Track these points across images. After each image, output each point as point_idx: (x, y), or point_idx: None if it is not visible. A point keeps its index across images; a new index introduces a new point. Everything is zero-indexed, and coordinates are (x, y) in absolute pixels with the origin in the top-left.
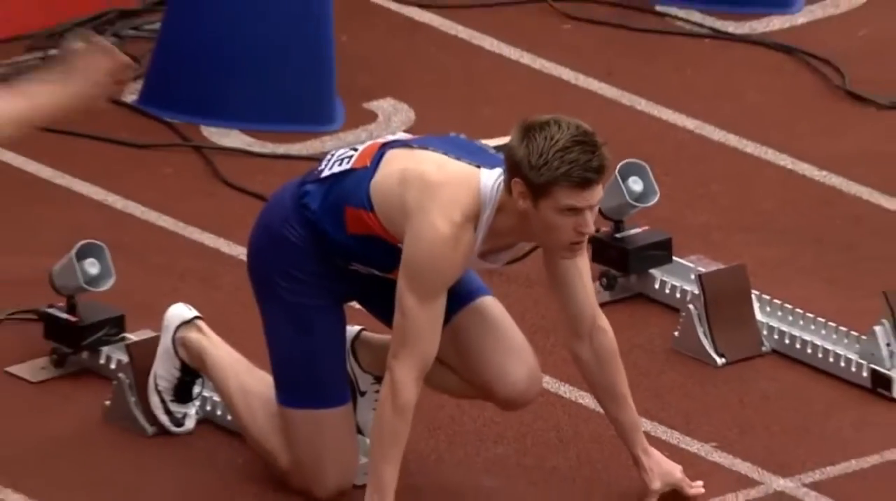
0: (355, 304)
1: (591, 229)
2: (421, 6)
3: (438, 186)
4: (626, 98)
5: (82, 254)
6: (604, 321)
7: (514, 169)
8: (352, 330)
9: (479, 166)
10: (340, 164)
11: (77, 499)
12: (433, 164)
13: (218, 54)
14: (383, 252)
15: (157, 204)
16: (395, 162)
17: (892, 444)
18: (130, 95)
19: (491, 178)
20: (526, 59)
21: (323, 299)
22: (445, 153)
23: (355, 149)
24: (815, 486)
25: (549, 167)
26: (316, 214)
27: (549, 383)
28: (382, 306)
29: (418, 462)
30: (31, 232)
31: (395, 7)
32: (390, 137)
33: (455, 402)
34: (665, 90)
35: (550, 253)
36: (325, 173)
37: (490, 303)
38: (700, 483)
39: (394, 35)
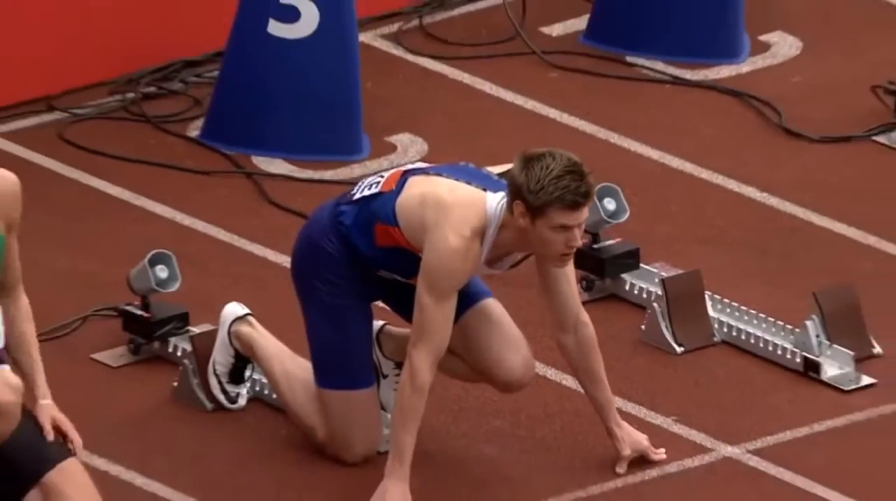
0: (380, 303)
1: (579, 243)
2: (433, 58)
3: (451, 207)
4: (602, 133)
5: (154, 262)
6: (585, 316)
7: (515, 193)
8: (377, 324)
9: (484, 189)
10: (370, 189)
11: (150, 462)
12: (446, 188)
13: (265, 97)
14: (405, 261)
15: (215, 220)
16: (415, 186)
17: (820, 417)
18: (194, 131)
19: (495, 201)
20: (519, 101)
21: (354, 299)
22: (456, 179)
23: (381, 176)
24: (756, 452)
25: (545, 192)
26: (350, 229)
27: (538, 368)
28: (403, 305)
29: (430, 434)
30: (112, 243)
31: (410, 58)
32: (410, 166)
33: (461, 384)
34: (634, 127)
35: (543, 262)
36: (357, 196)
37: (492, 304)
38: (662, 450)
39: (410, 81)
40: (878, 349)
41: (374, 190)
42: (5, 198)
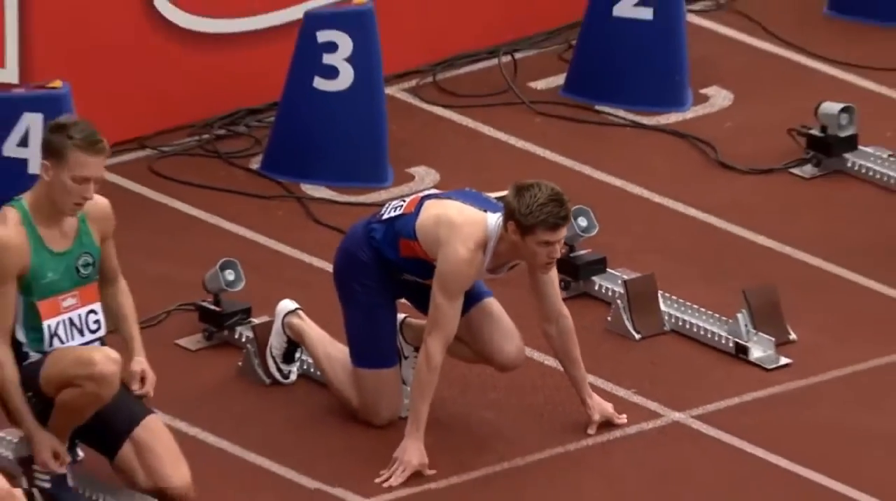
0: (404, 300)
1: (559, 255)
2: (443, 106)
3: (460, 226)
4: (577, 166)
5: (223, 267)
6: (565, 310)
7: (509, 215)
8: (400, 316)
9: (486, 211)
10: (395, 211)
11: (219, 424)
12: (456, 210)
13: (311, 137)
14: (423, 267)
15: (271, 234)
16: (430, 209)
17: (748, 390)
18: (255, 164)
19: (493, 220)
20: (512, 141)
21: (383, 298)
22: (463, 202)
23: (403, 201)
24: (698, 417)
25: (533, 215)
26: (380, 243)
27: (527, 351)
28: (421, 302)
29: (441, 403)
30: (191, 253)
31: (426, 107)
32: (426, 191)
33: (466, 365)
34: (601, 161)
35: (532, 269)
36: (385, 216)
37: (492, 302)
38: (624, 416)
39: (425, 124)
40: (793, 336)
41: (398, 212)
42: (99, 217)
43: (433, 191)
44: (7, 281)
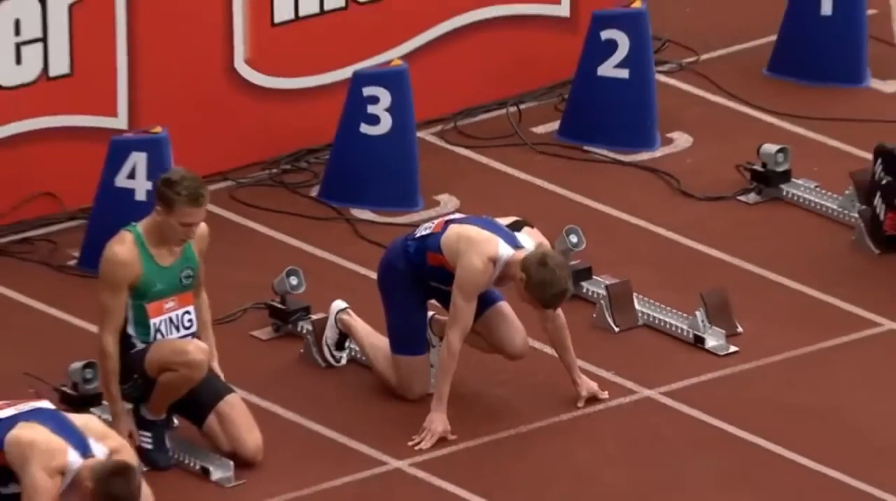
0: (434, 302)
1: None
2: (463, 147)
3: (477, 242)
4: (570, 194)
5: (288, 274)
6: (559, 309)
7: (526, 281)
8: (429, 314)
9: (497, 236)
10: (425, 230)
11: (287, 399)
12: (474, 231)
13: (358, 171)
14: (447, 275)
15: (327, 248)
16: (453, 229)
17: (704, 372)
18: (314, 193)
19: (505, 251)
20: (517, 174)
21: (416, 299)
22: (479, 226)
23: (432, 223)
24: (666, 393)
25: (543, 295)
26: (413, 256)
27: (530, 342)
28: (444, 303)
29: (461, 382)
30: (263, 263)
31: (449, 147)
32: (450, 216)
33: (480, 354)
34: (589, 190)
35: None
36: (418, 235)
37: (503, 305)
38: (606, 392)
39: (448, 161)
40: (740, 329)
41: (427, 231)
42: (199, 237)
43: (456, 215)
44: (121, 289)
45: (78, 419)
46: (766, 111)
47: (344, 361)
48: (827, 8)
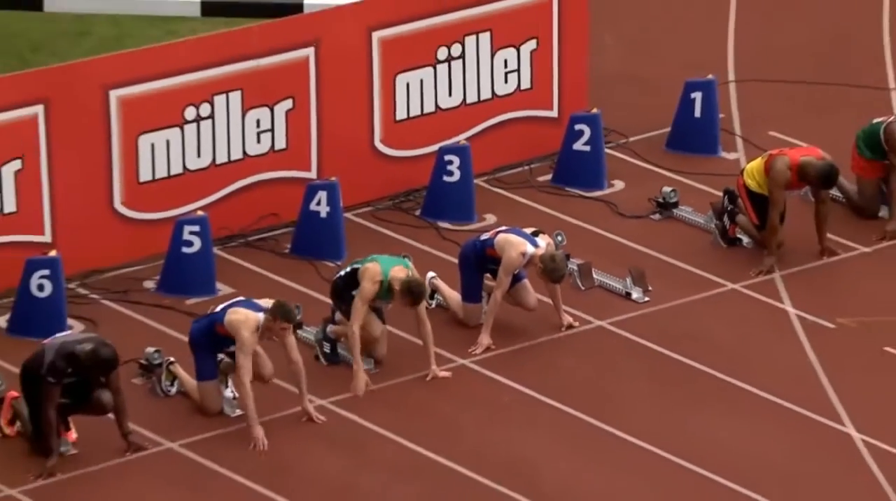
0: (488, 276)
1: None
2: (500, 187)
3: (514, 244)
4: (558, 214)
5: (403, 256)
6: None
7: (542, 267)
8: (485, 284)
9: (525, 240)
10: (485, 236)
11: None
12: (513, 236)
13: (442, 200)
14: (496, 261)
15: (426, 244)
16: (501, 234)
17: (630, 312)
18: (417, 212)
19: (530, 249)
20: (530, 204)
21: (479, 274)
22: (515, 234)
23: (489, 231)
24: (612, 323)
25: (552, 276)
26: (479, 250)
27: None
28: (494, 275)
29: (504, 315)
30: (394, 252)
31: (490, 188)
32: (498, 228)
33: (512, 308)
34: (568, 212)
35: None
36: (482, 238)
37: (526, 281)
38: (577, 323)
39: (490, 195)
40: (650, 288)
41: (486, 236)
42: None
43: (502, 227)
44: (365, 307)
45: (261, 301)
46: (665, 169)
47: (434, 304)
48: (698, 113)
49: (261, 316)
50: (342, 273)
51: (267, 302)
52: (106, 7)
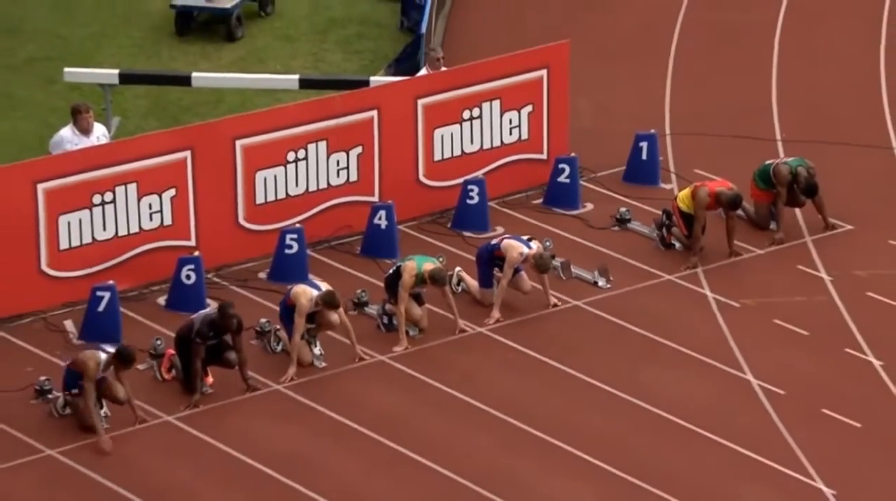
0: (497, 270)
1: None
2: (506, 208)
3: (515, 247)
4: (549, 228)
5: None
6: (546, 275)
7: (534, 263)
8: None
9: (522, 244)
10: (494, 240)
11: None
12: (514, 241)
13: (465, 217)
14: (502, 260)
15: (454, 246)
16: (506, 240)
17: (597, 295)
18: (448, 224)
19: (526, 251)
20: (526, 218)
21: (490, 268)
22: (516, 240)
23: (498, 238)
24: (586, 303)
25: (541, 270)
26: (489, 252)
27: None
28: (500, 269)
29: (511, 297)
30: (431, 252)
31: (499, 208)
32: (505, 235)
33: (512, 293)
34: (553, 224)
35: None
36: (492, 243)
37: (523, 273)
38: (559, 303)
39: (499, 213)
40: (612, 278)
41: (495, 241)
42: None
43: (506, 235)
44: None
45: (320, 282)
46: (622, 195)
47: (459, 290)
48: (644, 156)
49: (314, 291)
50: (390, 271)
51: (323, 283)
52: (233, 84)
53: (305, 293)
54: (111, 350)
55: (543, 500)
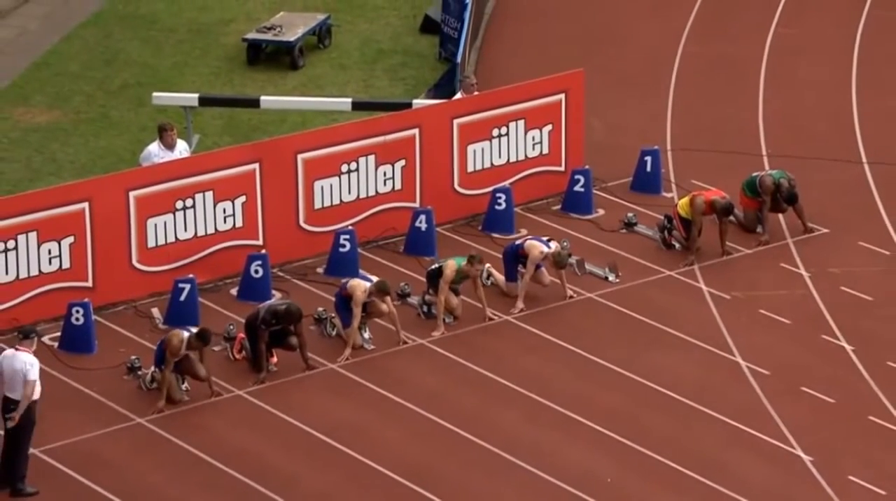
0: (520, 266)
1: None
2: (529, 213)
3: (536, 247)
4: (565, 229)
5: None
6: (563, 270)
7: (553, 260)
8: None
9: (543, 244)
10: (519, 240)
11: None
12: (536, 242)
13: (493, 221)
14: (525, 258)
15: (485, 246)
16: (529, 241)
17: (608, 288)
18: (479, 227)
19: (547, 250)
20: (546, 222)
21: (515, 265)
22: (536, 240)
23: (522, 238)
24: (598, 295)
25: (558, 266)
26: (514, 251)
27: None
28: (524, 266)
29: (532, 291)
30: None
31: (523, 213)
32: (528, 236)
33: (532, 286)
34: (570, 227)
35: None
36: (517, 242)
37: (543, 268)
38: (574, 295)
39: (524, 218)
40: (620, 274)
41: (520, 241)
42: None
43: (530, 236)
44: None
45: (371, 276)
46: (629, 202)
47: (489, 283)
48: (649, 168)
49: (368, 284)
50: (433, 267)
51: (373, 277)
52: (295, 106)
53: (360, 286)
54: (194, 330)
55: (563, 464)
